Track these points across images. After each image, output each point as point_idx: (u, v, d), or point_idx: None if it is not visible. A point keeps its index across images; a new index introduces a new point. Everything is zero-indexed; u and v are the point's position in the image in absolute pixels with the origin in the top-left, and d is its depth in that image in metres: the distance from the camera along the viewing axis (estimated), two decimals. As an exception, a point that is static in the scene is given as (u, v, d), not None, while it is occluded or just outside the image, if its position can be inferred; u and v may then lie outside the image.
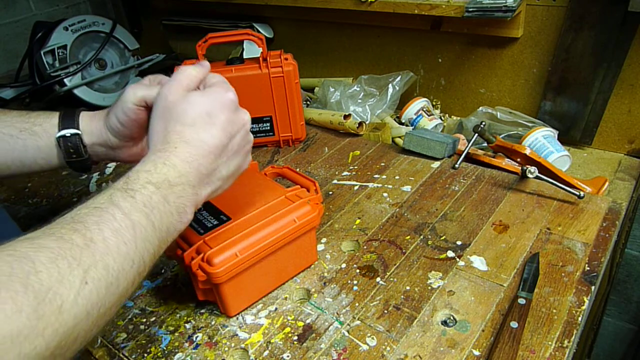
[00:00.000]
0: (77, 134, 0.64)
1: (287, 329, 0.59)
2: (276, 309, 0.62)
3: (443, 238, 0.70)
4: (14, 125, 0.63)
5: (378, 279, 0.64)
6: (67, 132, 0.64)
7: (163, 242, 0.45)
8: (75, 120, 0.65)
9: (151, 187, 0.45)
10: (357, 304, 0.61)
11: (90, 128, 0.65)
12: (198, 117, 0.50)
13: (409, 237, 0.71)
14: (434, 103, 1.16)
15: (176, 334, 0.60)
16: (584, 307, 0.57)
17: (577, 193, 0.73)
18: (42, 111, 0.67)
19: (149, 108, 0.61)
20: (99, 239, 0.39)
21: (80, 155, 0.64)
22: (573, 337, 0.54)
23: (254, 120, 0.95)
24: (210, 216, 0.62)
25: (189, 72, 0.55)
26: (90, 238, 0.38)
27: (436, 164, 0.88)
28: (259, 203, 0.63)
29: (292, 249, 0.63)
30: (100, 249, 0.38)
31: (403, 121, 1.11)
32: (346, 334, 0.57)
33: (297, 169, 0.90)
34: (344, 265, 0.67)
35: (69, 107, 0.67)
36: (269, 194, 0.65)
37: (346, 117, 1.00)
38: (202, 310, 0.62)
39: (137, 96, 0.61)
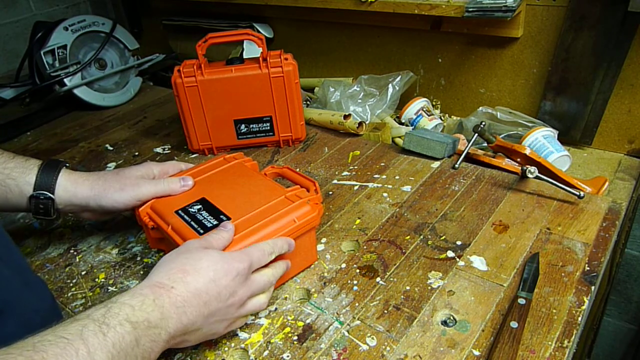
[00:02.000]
0: (51, 199, 0.64)
1: (287, 329, 0.59)
2: (276, 309, 0.62)
3: (443, 238, 0.70)
4: None
5: (378, 279, 0.64)
6: (41, 194, 0.64)
7: None
8: (52, 186, 0.64)
9: (128, 325, 0.43)
10: (357, 304, 0.61)
11: (69, 195, 0.65)
12: (206, 268, 0.50)
13: (409, 237, 0.71)
14: (434, 103, 1.16)
15: (176, 334, 0.60)
16: (584, 307, 0.57)
17: (577, 193, 0.73)
18: (22, 159, 0.66)
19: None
20: None
21: (49, 215, 0.65)
22: (573, 337, 0.54)
23: (254, 120, 0.95)
24: (210, 216, 0.62)
25: (226, 237, 0.57)
26: None
27: (436, 164, 0.88)
28: (259, 203, 0.63)
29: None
30: None
31: (403, 121, 1.11)
32: (346, 334, 0.57)
33: (297, 169, 0.90)
34: (344, 265, 0.67)
35: (54, 163, 0.66)
36: (268, 194, 0.65)
37: (346, 117, 1.00)
38: (202, 310, 0.62)
39: (148, 194, 0.66)
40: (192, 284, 0.49)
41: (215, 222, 0.60)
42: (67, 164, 0.68)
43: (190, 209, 0.64)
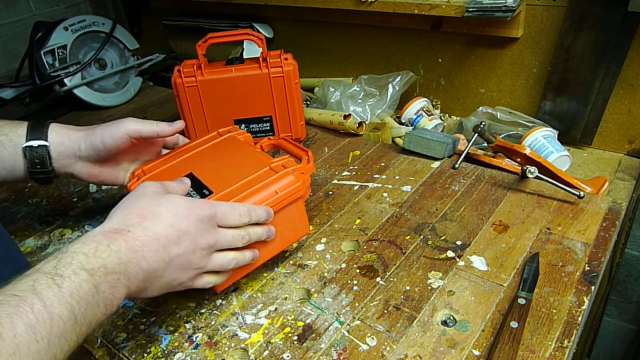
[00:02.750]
0: (45, 146, 0.64)
1: (287, 329, 0.59)
2: (276, 309, 0.62)
3: (443, 238, 0.70)
4: None
5: (378, 279, 0.64)
6: (35, 143, 0.63)
7: (81, 337, 0.41)
8: (44, 132, 0.64)
9: (84, 273, 0.41)
10: (357, 304, 0.61)
11: (61, 139, 0.65)
12: (166, 213, 0.49)
13: (409, 237, 0.71)
14: (434, 103, 1.16)
15: (176, 334, 0.60)
16: (584, 307, 0.57)
17: (577, 193, 0.73)
18: (9, 120, 0.66)
19: (136, 141, 0.66)
20: (9, 335, 0.34)
21: (45, 167, 0.64)
22: (573, 337, 0.54)
23: (254, 120, 0.95)
24: (193, 191, 0.61)
25: (182, 188, 0.57)
26: None
27: (436, 164, 0.88)
28: (243, 175, 0.61)
29: (278, 220, 0.60)
30: (7, 348, 0.34)
31: (403, 121, 1.11)
32: (346, 334, 0.57)
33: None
34: (344, 265, 0.67)
35: (43, 119, 0.66)
36: (255, 166, 0.62)
37: (346, 117, 1.00)
38: (202, 310, 0.62)
39: (133, 128, 0.64)
40: (151, 229, 0.47)
41: (198, 197, 0.59)
42: (52, 120, 0.67)
43: None
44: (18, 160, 0.64)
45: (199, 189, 0.61)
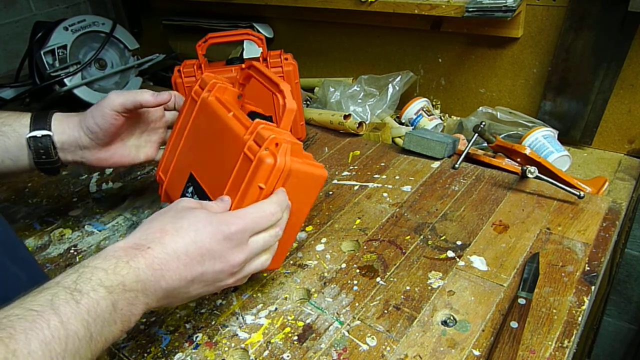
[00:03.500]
0: (48, 135, 0.63)
1: (287, 329, 0.59)
2: (276, 309, 0.62)
3: (443, 238, 0.70)
4: None
5: (378, 279, 0.64)
6: (38, 133, 0.63)
7: (95, 354, 0.40)
8: (47, 122, 0.64)
9: (102, 290, 0.40)
10: (357, 304, 0.61)
11: (62, 127, 0.64)
12: (187, 228, 0.46)
13: (409, 237, 0.71)
14: (434, 103, 1.16)
15: (176, 334, 0.60)
16: (584, 307, 0.57)
17: (577, 193, 0.73)
18: (14, 112, 0.66)
19: (127, 115, 0.64)
20: (23, 353, 0.34)
21: (50, 157, 0.64)
22: (573, 337, 0.54)
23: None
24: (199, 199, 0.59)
25: (221, 207, 0.52)
26: (13, 350, 0.33)
27: (436, 164, 0.88)
28: (227, 171, 0.55)
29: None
30: None
31: (403, 121, 1.11)
32: (346, 334, 0.57)
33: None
34: (344, 265, 0.67)
35: (49, 109, 0.67)
36: (233, 152, 0.55)
37: (346, 117, 1.00)
38: (202, 311, 0.62)
39: (116, 102, 0.62)
40: (170, 245, 0.45)
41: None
42: (55, 110, 0.67)
43: (186, 193, 0.62)
44: (23, 151, 0.63)
45: (202, 195, 0.58)
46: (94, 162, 0.67)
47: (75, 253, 0.75)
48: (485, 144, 0.90)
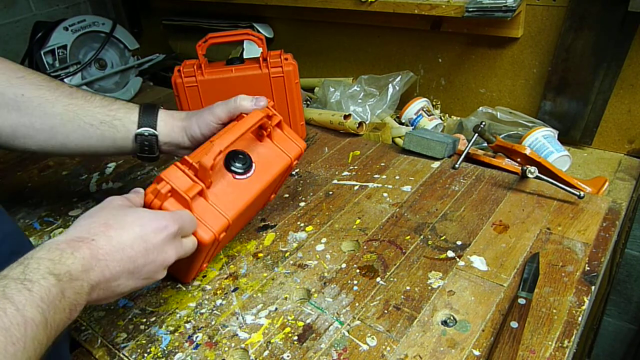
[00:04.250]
0: (155, 135, 0.68)
1: (287, 329, 0.59)
2: (276, 309, 0.62)
3: (443, 238, 0.70)
4: (96, 116, 0.67)
5: (378, 279, 0.64)
6: (146, 130, 0.67)
7: (50, 341, 0.41)
8: (154, 120, 0.68)
9: (52, 278, 0.41)
10: (357, 304, 0.61)
11: (167, 130, 0.69)
12: (131, 223, 0.49)
13: (409, 237, 0.71)
14: (434, 103, 1.16)
15: (176, 334, 0.60)
16: (584, 307, 0.57)
17: (577, 193, 0.73)
18: (122, 102, 0.70)
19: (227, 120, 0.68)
20: None
21: (153, 152, 0.69)
22: (573, 337, 0.54)
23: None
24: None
25: (142, 195, 0.57)
26: None
27: (436, 164, 0.88)
28: None
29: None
30: None
31: (403, 121, 1.11)
32: (346, 334, 0.57)
33: (297, 169, 0.91)
34: (344, 265, 0.67)
35: (153, 104, 0.70)
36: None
37: (346, 117, 1.00)
38: (202, 311, 0.62)
39: (223, 115, 0.67)
40: (116, 238, 0.48)
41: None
42: (161, 106, 0.71)
43: None
44: (128, 143, 0.68)
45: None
46: (186, 154, 0.70)
47: (75, 253, 0.75)
48: (485, 144, 0.90)
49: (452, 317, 0.58)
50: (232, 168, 0.64)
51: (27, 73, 0.66)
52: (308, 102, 1.20)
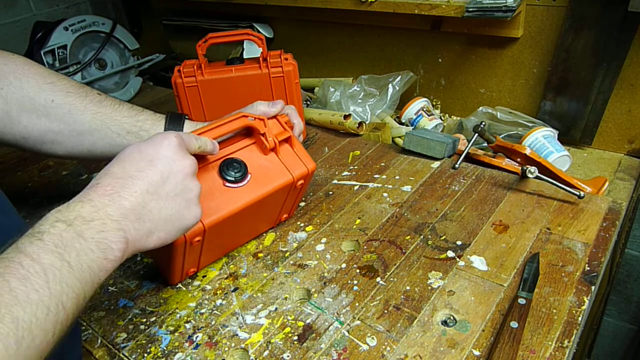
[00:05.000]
0: None
1: (287, 329, 0.59)
2: (276, 309, 0.62)
3: (443, 238, 0.70)
4: (123, 125, 0.67)
5: (378, 279, 0.64)
6: None
7: (87, 283, 0.40)
8: (179, 131, 0.68)
9: (61, 224, 0.41)
10: (357, 304, 0.61)
11: None
12: (129, 154, 0.49)
13: (409, 237, 0.71)
14: (434, 103, 1.16)
15: (176, 334, 0.60)
16: (584, 307, 0.57)
17: (577, 193, 0.73)
18: (150, 113, 0.70)
19: None
20: (4, 290, 0.34)
21: None
22: (573, 337, 0.54)
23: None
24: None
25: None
26: None
27: (436, 164, 0.88)
28: None
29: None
30: (6, 300, 0.34)
31: (403, 121, 1.11)
32: (346, 334, 0.57)
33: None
34: (344, 265, 0.67)
35: (178, 114, 0.71)
36: None
37: (346, 117, 1.00)
38: (202, 311, 0.62)
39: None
40: (119, 172, 0.47)
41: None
42: (187, 116, 0.71)
43: None
44: None
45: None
46: None
47: (75, 253, 0.75)
48: (485, 144, 0.90)
49: (452, 317, 0.58)
50: (223, 174, 0.63)
51: (57, 79, 0.66)
52: (308, 102, 1.20)
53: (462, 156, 0.86)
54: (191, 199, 0.51)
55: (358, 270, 0.66)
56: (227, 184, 0.62)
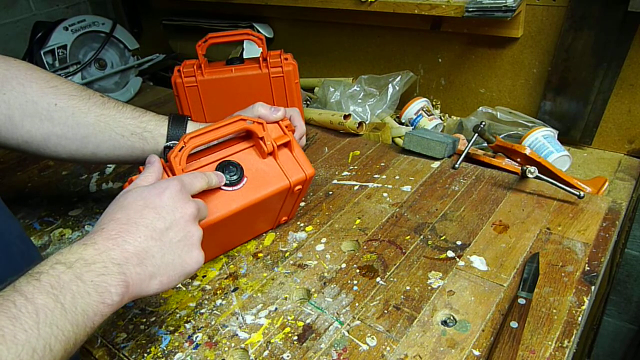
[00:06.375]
0: None
1: (287, 329, 0.59)
2: (276, 309, 0.62)
3: (443, 238, 0.70)
4: (127, 127, 0.68)
5: (378, 279, 0.64)
6: (173, 143, 0.68)
7: (80, 327, 0.40)
8: (183, 132, 0.69)
9: (61, 266, 0.41)
10: (357, 304, 0.61)
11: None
12: (132, 202, 0.49)
13: (409, 237, 0.71)
14: (434, 103, 1.16)
15: (176, 334, 0.60)
16: (584, 307, 0.57)
17: (577, 193, 0.73)
18: (153, 114, 0.70)
19: None
20: None
21: None
22: (573, 337, 0.54)
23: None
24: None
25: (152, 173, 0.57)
26: None
27: (436, 164, 0.88)
28: None
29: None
30: None
31: (403, 121, 1.11)
32: (346, 334, 0.57)
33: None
34: (344, 265, 0.67)
35: (182, 117, 0.72)
36: None
37: (346, 117, 1.00)
38: (202, 311, 0.62)
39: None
40: (123, 219, 0.47)
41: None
42: (190, 117, 0.72)
43: None
44: (156, 153, 0.68)
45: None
46: None
47: (75, 253, 0.75)
48: (485, 144, 0.90)
49: (452, 317, 0.58)
50: None
51: (60, 82, 0.66)
52: (308, 102, 1.20)
53: (462, 156, 0.86)
54: (193, 243, 0.52)
55: (358, 270, 0.66)
56: (223, 186, 0.62)
